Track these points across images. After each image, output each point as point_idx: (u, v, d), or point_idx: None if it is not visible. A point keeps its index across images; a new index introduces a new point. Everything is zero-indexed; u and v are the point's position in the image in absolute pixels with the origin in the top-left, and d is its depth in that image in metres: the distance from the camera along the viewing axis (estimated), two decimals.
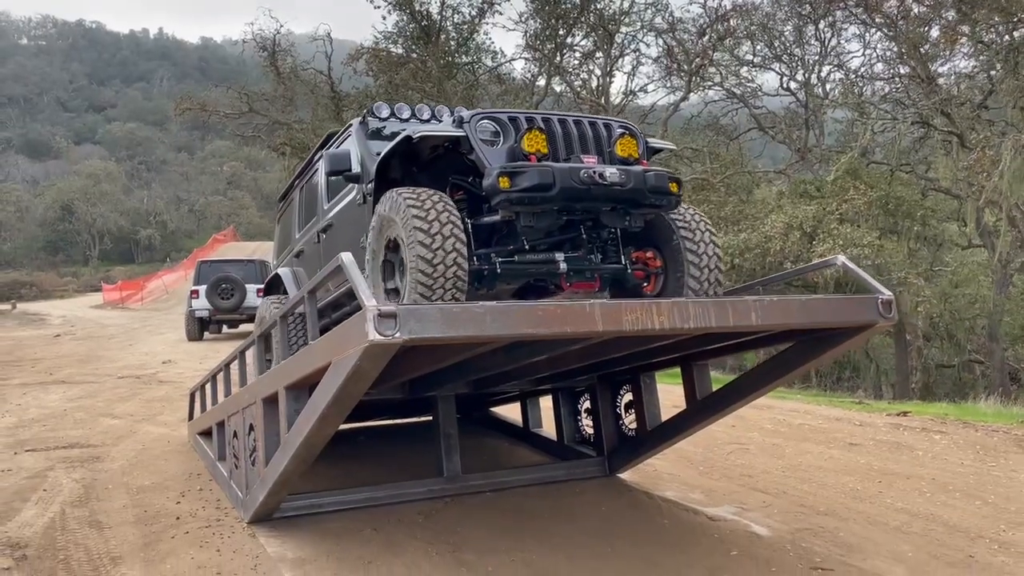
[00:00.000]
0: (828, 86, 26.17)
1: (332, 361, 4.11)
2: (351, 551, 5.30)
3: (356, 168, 5.61)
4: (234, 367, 7.21)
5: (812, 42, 26.12)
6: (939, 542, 5.43)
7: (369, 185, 5.44)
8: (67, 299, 43.31)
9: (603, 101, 25.11)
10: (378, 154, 5.48)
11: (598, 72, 26.15)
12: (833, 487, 6.88)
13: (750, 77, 26.63)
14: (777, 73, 26.19)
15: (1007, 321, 22.66)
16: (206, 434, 7.82)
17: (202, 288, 18.69)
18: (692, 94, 25.90)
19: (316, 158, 6.76)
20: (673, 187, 4.77)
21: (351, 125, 5.96)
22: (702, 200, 23.03)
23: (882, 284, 17.53)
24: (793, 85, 26.39)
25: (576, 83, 25.84)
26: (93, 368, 15.77)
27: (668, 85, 25.95)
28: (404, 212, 4.47)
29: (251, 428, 5.93)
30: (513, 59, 27.30)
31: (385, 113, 5.78)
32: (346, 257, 4.08)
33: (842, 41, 26.10)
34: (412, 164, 5.17)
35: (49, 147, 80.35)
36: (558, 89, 26.53)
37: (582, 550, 5.33)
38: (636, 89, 27.73)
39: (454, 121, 4.87)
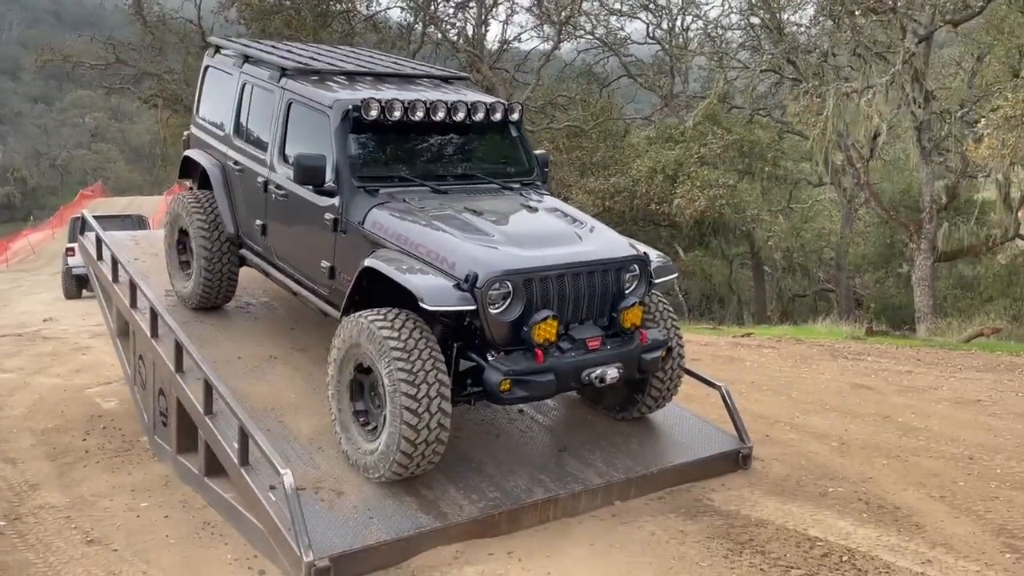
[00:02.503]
0: (690, 34, 27.56)
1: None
2: None
3: (330, 178, 5.18)
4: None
5: None
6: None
7: (347, 219, 5.14)
8: None
9: (480, 51, 25.61)
10: (358, 157, 5.19)
11: (473, 21, 26.59)
12: None
13: (619, 26, 27.67)
14: (644, 22, 27.32)
15: (852, 252, 24.85)
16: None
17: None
18: (564, 43, 26.74)
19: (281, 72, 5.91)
20: (664, 355, 5.17)
21: (329, 108, 5.32)
22: (575, 147, 24.10)
23: (739, 222, 18.94)
24: (659, 33, 27.61)
25: (452, 32, 26.21)
26: None
27: (541, 34, 26.70)
28: (382, 347, 4.47)
29: (162, 392, 6.40)
30: (389, 8, 27.33)
31: (375, 114, 5.20)
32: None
33: None
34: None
35: None
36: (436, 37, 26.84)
37: None
38: (511, 38, 28.34)
39: (466, 279, 4.50)
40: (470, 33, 26.61)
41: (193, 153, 6.90)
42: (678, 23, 27.59)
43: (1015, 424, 6.76)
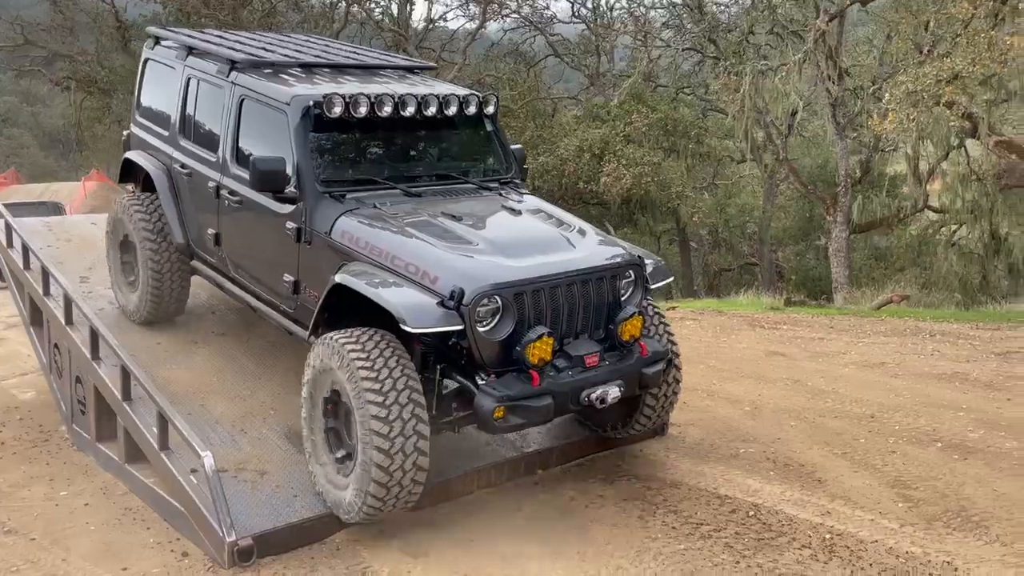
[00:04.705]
0: (614, 13, 27.81)
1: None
2: None
3: (291, 183, 4.75)
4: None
5: None
6: None
7: (311, 228, 4.73)
8: None
9: (405, 31, 25.39)
10: (321, 159, 4.78)
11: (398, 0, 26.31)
12: None
13: (545, 5, 27.73)
14: (569, 1, 27.46)
15: (774, 226, 25.57)
16: None
17: None
18: (490, 22, 26.70)
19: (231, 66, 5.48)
20: (663, 366, 4.76)
21: (286, 105, 4.90)
22: (503, 126, 24.10)
23: (663, 198, 19.34)
24: (584, 12, 27.80)
25: (376, 11, 25.91)
26: None
27: (467, 13, 26.60)
28: (352, 372, 4.12)
29: (79, 380, 6.29)
30: None
31: (338, 110, 4.78)
32: None
33: None
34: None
35: None
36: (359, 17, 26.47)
37: None
38: (436, 17, 28.14)
39: (451, 296, 4.09)
40: (395, 12, 26.36)
41: (134, 155, 6.36)
42: (602, 2, 27.79)
43: (915, 384, 7.15)
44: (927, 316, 11.11)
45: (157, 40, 6.48)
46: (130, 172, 6.51)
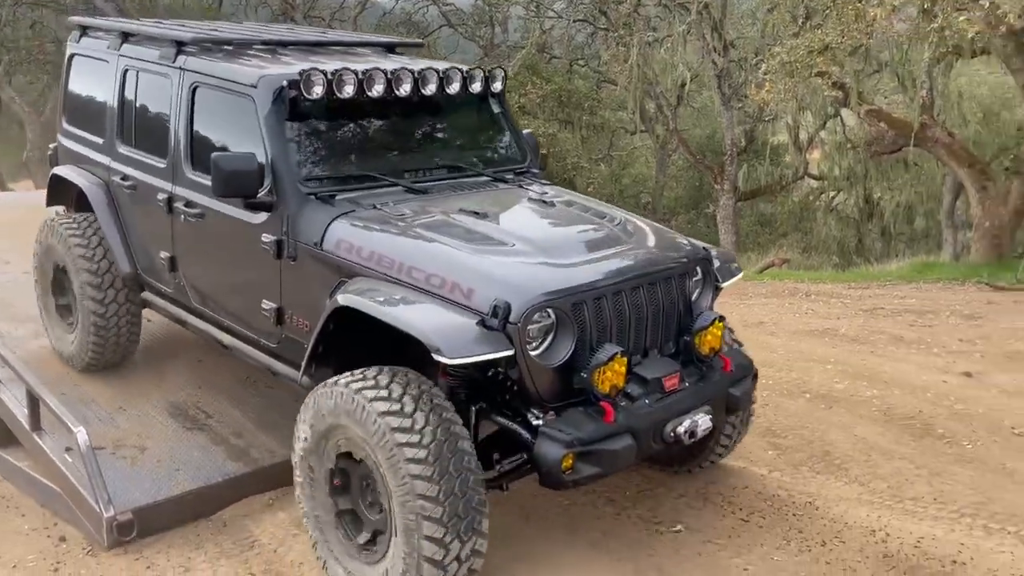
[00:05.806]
0: None
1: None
2: None
3: (266, 186, 3.89)
4: None
5: None
6: None
7: (296, 240, 3.90)
8: None
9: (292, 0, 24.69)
10: (302, 152, 4.00)
11: None
12: None
13: None
14: None
15: (666, 196, 26.31)
16: None
17: None
18: None
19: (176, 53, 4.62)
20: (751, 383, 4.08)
21: (253, 88, 4.06)
22: None
23: (559, 169, 19.67)
24: None
25: None
26: None
27: None
28: (379, 430, 3.20)
29: None
30: None
31: (319, 90, 3.95)
32: None
33: None
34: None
35: None
36: None
37: None
38: None
39: (494, 312, 3.22)
40: None
41: (63, 170, 5.47)
42: None
43: (789, 341, 7.56)
44: (805, 278, 11.74)
45: (84, 31, 5.58)
46: (60, 192, 5.65)
